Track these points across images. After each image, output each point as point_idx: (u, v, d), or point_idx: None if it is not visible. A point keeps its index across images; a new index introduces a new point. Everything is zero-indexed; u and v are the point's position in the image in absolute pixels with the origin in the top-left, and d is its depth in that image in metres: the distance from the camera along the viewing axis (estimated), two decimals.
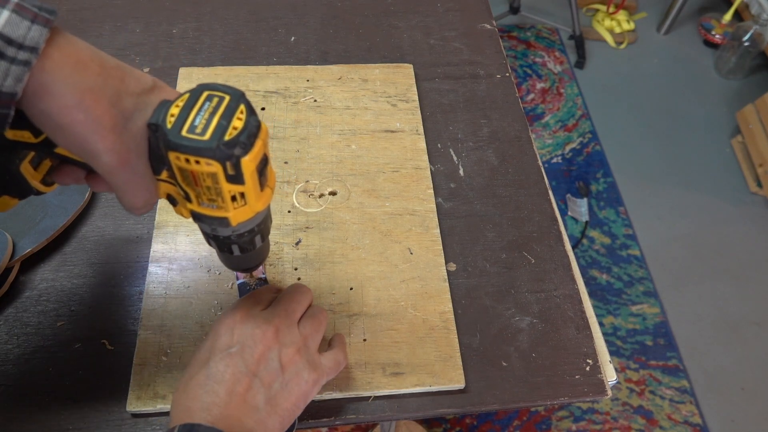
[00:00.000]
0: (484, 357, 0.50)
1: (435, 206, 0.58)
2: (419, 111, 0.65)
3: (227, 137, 0.29)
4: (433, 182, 0.60)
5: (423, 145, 0.62)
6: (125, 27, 0.71)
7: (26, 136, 0.32)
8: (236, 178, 0.31)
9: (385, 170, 0.60)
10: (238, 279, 0.50)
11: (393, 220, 0.56)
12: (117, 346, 0.48)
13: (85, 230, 0.55)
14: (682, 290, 1.49)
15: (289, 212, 0.56)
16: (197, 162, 0.30)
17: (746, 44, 1.85)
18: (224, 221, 0.34)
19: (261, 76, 0.66)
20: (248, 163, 0.31)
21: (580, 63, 1.95)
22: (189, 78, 0.64)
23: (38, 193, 0.36)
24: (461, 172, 0.62)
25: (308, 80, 0.66)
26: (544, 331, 0.52)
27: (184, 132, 0.29)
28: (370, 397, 0.47)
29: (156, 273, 0.51)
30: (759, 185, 1.67)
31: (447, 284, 0.53)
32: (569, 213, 1.61)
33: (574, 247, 1.55)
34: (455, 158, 0.63)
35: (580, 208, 1.60)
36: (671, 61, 2.02)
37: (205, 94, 0.31)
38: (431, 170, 0.61)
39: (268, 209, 0.37)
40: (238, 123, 0.30)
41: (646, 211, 1.63)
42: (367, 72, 0.67)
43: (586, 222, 1.59)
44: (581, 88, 1.90)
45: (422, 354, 0.48)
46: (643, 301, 1.46)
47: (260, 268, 0.51)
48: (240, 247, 0.37)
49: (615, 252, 1.54)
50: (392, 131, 0.63)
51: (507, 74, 0.71)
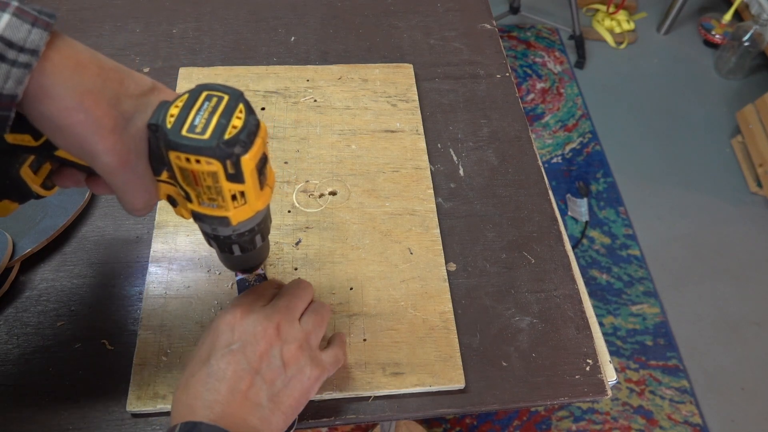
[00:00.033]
0: (484, 357, 0.50)
1: (435, 206, 0.58)
2: (419, 111, 0.65)
3: (227, 136, 0.30)
4: (433, 182, 0.60)
5: (423, 145, 0.62)
6: (125, 27, 0.71)
7: (26, 140, 0.32)
8: (236, 177, 0.31)
9: (385, 170, 0.60)
10: (237, 276, 0.50)
11: (393, 220, 0.56)
12: (117, 346, 0.48)
13: (85, 230, 0.55)
14: (682, 290, 1.49)
15: (289, 212, 0.56)
16: (197, 161, 0.30)
17: (746, 44, 1.85)
18: (225, 221, 0.34)
19: (261, 76, 0.66)
20: (248, 162, 0.31)
21: (580, 63, 1.95)
22: (189, 78, 0.64)
23: (38, 197, 0.36)
24: (461, 172, 0.62)
25: (308, 80, 0.66)
26: (544, 331, 0.52)
27: (184, 131, 0.29)
28: (370, 397, 0.47)
29: (156, 273, 0.51)
30: (759, 185, 1.67)
31: (447, 284, 0.53)
32: (569, 213, 1.61)
33: (574, 247, 1.55)
34: (455, 158, 0.63)
35: (580, 208, 1.60)
36: (671, 61, 2.02)
37: (204, 94, 0.31)
38: (431, 170, 0.61)
39: (268, 209, 0.37)
40: (238, 122, 0.30)
41: (646, 211, 1.63)
42: (367, 72, 0.67)
43: (586, 222, 1.59)
44: (581, 88, 1.90)
45: (422, 354, 0.48)
46: (643, 301, 1.46)
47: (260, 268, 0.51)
48: (240, 247, 0.37)
49: (615, 252, 1.54)
50: (392, 131, 0.63)
51: (507, 74, 0.71)
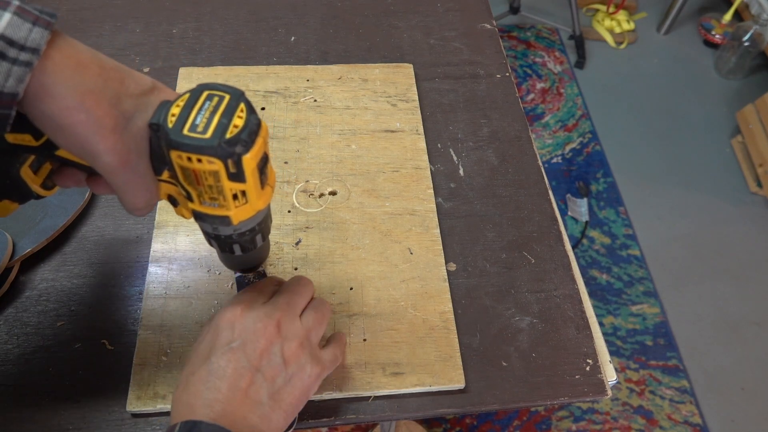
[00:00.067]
0: (484, 357, 0.50)
1: (435, 206, 0.58)
2: (419, 111, 0.65)
3: (228, 135, 0.30)
4: (433, 182, 0.60)
5: (423, 145, 0.62)
6: (125, 27, 0.71)
7: (27, 140, 0.32)
8: (237, 176, 0.31)
9: (385, 170, 0.60)
10: (237, 273, 0.50)
11: (393, 220, 0.56)
12: (117, 346, 0.48)
13: (85, 230, 0.55)
14: (682, 290, 1.49)
15: (289, 212, 0.56)
16: (199, 160, 0.30)
17: (746, 44, 1.85)
18: (226, 220, 0.34)
19: (261, 76, 0.66)
20: (249, 161, 0.31)
21: (580, 63, 1.95)
22: (189, 78, 0.64)
23: (38, 197, 0.36)
24: (461, 172, 0.62)
25: (308, 80, 0.66)
26: (544, 331, 0.52)
27: (186, 131, 0.30)
28: (370, 397, 0.47)
29: (156, 273, 0.51)
30: (759, 185, 1.67)
31: (447, 284, 0.53)
32: (569, 213, 1.61)
33: (574, 247, 1.55)
34: (455, 158, 0.63)
35: (580, 208, 1.60)
36: (671, 61, 2.02)
37: (206, 94, 0.31)
38: (431, 170, 0.61)
39: (269, 208, 0.38)
40: (239, 121, 0.30)
41: (646, 211, 1.63)
42: (367, 72, 0.67)
43: (586, 222, 1.59)
44: (581, 88, 1.90)
45: (422, 354, 0.48)
46: (643, 301, 1.46)
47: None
48: (241, 247, 0.38)
49: (615, 252, 1.54)
50: (392, 131, 0.63)
51: (507, 74, 0.71)
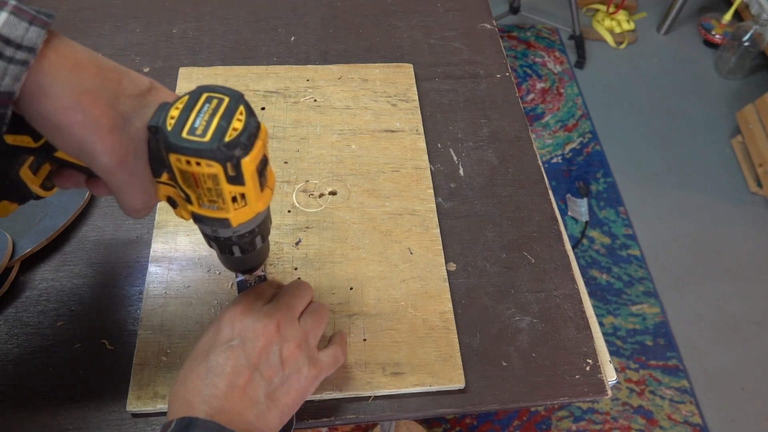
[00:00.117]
0: (484, 357, 0.50)
1: (435, 206, 0.58)
2: (419, 111, 0.65)
3: (227, 138, 0.30)
4: (433, 182, 0.60)
5: (423, 145, 0.62)
6: (125, 27, 0.71)
7: (26, 141, 0.32)
8: (237, 179, 0.31)
9: (385, 170, 0.60)
10: (238, 277, 0.50)
11: (393, 220, 0.56)
12: (117, 346, 0.48)
13: (85, 230, 0.55)
14: (682, 290, 1.49)
15: (289, 212, 0.56)
16: (198, 163, 0.30)
17: (746, 44, 1.85)
18: (225, 222, 0.34)
19: (261, 76, 0.66)
20: (248, 164, 0.31)
21: (580, 63, 1.95)
22: (189, 78, 0.64)
23: (38, 198, 0.36)
24: (461, 172, 0.62)
25: (308, 80, 0.66)
26: (544, 331, 0.52)
27: (185, 134, 0.29)
28: (370, 397, 0.47)
29: (156, 273, 0.51)
30: (759, 185, 1.67)
31: (447, 284, 0.53)
32: (569, 213, 1.61)
33: (574, 247, 1.55)
34: (455, 158, 0.63)
35: (580, 208, 1.60)
36: (671, 61, 2.02)
37: (205, 96, 0.31)
38: (431, 170, 0.61)
39: (268, 210, 0.38)
40: (238, 124, 0.30)
41: (646, 211, 1.63)
42: (367, 72, 0.67)
43: (586, 222, 1.59)
44: (581, 88, 1.90)
45: (422, 354, 0.48)
46: (643, 301, 1.46)
47: (260, 268, 0.51)
48: (240, 248, 0.38)
49: (615, 252, 1.54)
50: (392, 131, 0.63)
51: (507, 74, 0.71)
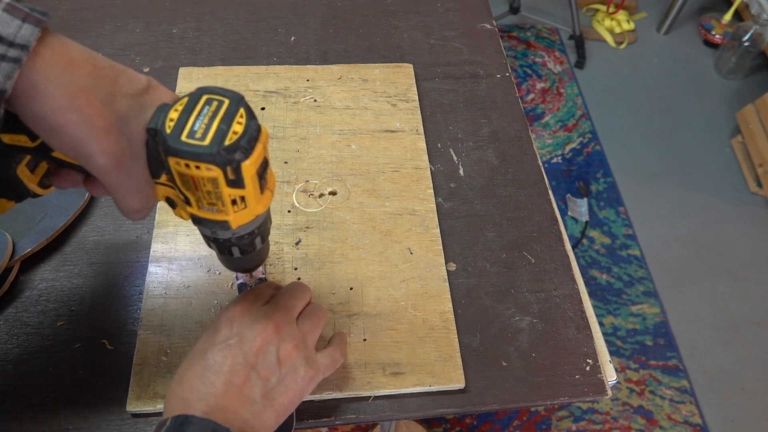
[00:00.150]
0: (484, 357, 0.50)
1: (435, 206, 0.58)
2: (419, 111, 0.65)
3: (227, 142, 0.29)
4: (433, 182, 0.60)
5: (423, 145, 0.62)
6: (125, 27, 0.71)
7: (23, 140, 0.32)
8: (237, 183, 0.31)
9: (385, 170, 0.60)
10: (238, 279, 0.50)
11: (393, 220, 0.56)
12: (117, 346, 0.48)
13: (85, 230, 0.55)
14: (682, 290, 1.49)
15: (289, 212, 0.56)
16: (197, 167, 0.29)
17: (746, 44, 1.85)
18: (224, 225, 0.33)
19: (261, 76, 0.66)
20: (249, 168, 0.30)
21: (580, 63, 1.95)
22: (189, 78, 0.64)
23: (35, 196, 0.36)
24: (461, 172, 0.62)
25: (308, 80, 0.66)
26: (544, 331, 0.52)
27: (184, 137, 0.29)
28: (370, 397, 0.47)
29: (156, 273, 0.51)
30: (759, 185, 1.67)
31: (447, 284, 0.53)
32: (569, 213, 1.61)
33: (574, 247, 1.55)
34: (455, 158, 0.63)
35: (580, 208, 1.60)
36: (671, 61, 2.02)
37: (204, 98, 0.31)
38: (431, 170, 0.61)
39: (268, 211, 0.37)
40: (238, 127, 0.30)
41: (646, 211, 1.63)
42: (367, 72, 0.67)
43: (586, 222, 1.59)
44: (581, 88, 1.90)
45: (422, 354, 0.48)
46: (643, 301, 1.46)
47: (260, 269, 0.51)
48: (240, 249, 0.37)
49: (615, 252, 1.54)
50: (392, 131, 0.63)
51: (507, 74, 0.71)
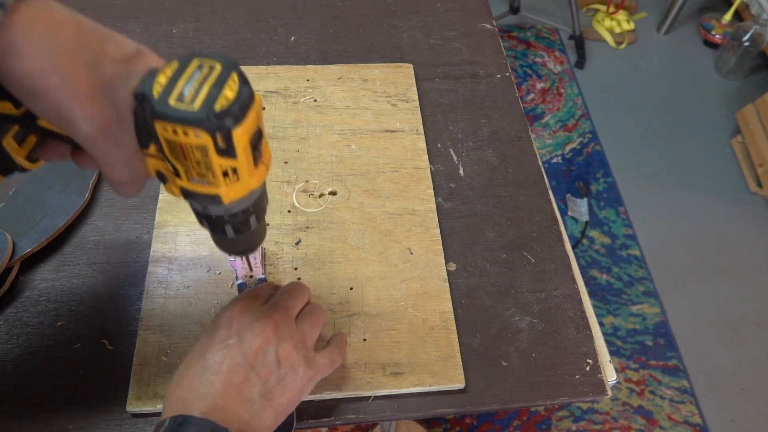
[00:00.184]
0: (484, 357, 0.50)
1: (435, 206, 0.58)
2: (419, 111, 0.65)
3: (218, 107, 0.28)
4: (433, 182, 0.60)
5: (423, 145, 0.62)
6: (125, 27, 0.71)
7: (7, 108, 0.30)
8: (227, 152, 0.29)
9: (385, 170, 0.60)
10: (238, 279, 0.50)
11: (393, 220, 0.56)
12: (117, 346, 0.48)
13: (85, 230, 0.55)
14: (682, 290, 1.49)
15: (289, 212, 0.56)
16: (185, 133, 0.28)
17: (746, 44, 1.85)
18: (216, 199, 0.32)
19: (261, 76, 0.66)
20: (240, 136, 0.29)
21: (580, 63, 1.95)
22: None
23: (23, 170, 0.34)
24: (461, 172, 0.62)
25: (308, 80, 0.66)
26: (544, 331, 0.52)
27: (172, 101, 0.28)
28: (370, 397, 0.47)
29: (156, 273, 0.51)
30: (759, 185, 1.67)
31: (447, 284, 0.53)
32: (569, 213, 1.61)
33: (574, 247, 1.55)
34: (455, 158, 0.63)
35: (580, 208, 1.60)
36: (671, 61, 2.02)
37: (195, 62, 0.29)
38: (431, 170, 0.61)
39: (264, 188, 0.36)
40: (230, 93, 0.28)
41: (646, 211, 1.63)
42: (367, 72, 0.67)
43: (586, 222, 1.59)
44: (581, 88, 1.90)
45: (422, 354, 0.48)
46: (643, 301, 1.46)
47: (260, 269, 0.51)
48: (234, 228, 0.35)
49: (615, 252, 1.54)
50: (392, 131, 0.63)
51: (507, 74, 0.71)
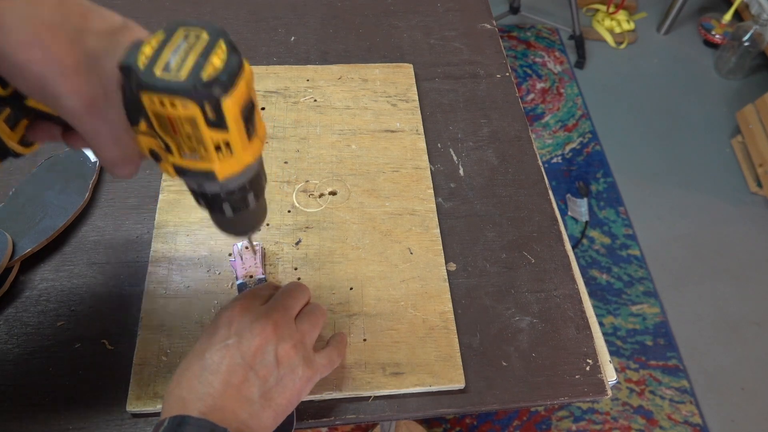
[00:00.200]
0: (484, 357, 0.50)
1: (435, 206, 0.58)
2: (419, 111, 0.65)
3: (205, 76, 0.27)
4: (433, 182, 0.60)
5: (423, 145, 0.62)
6: None
7: None
8: (218, 124, 0.28)
9: (385, 170, 0.60)
10: (238, 279, 0.50)
11: (393, 220, 0.56)
12: (117, 346, 0.48)
13: (85, 230, 0.55)
14: (682, 290, 1.49)
15: (289, 212, 0.56)
16: (173, 104, 0.27)
17: (746, 44, 1.85)
18: (210, 175, 0.30)
19: (261, 76, 0.66)
20: (230, 106, 0.28)
21: (580, 63, 1.95)
22: None
23: (16, 156, 0.34)
24: (461, 172, 0.62)
25: (308, 80, 0.66)
26: (544, 331, 0.52)
27: (158, 71, 0.27)
28: (370, 397, 0.47)
29: (156, 273, 0.51)
30: (759, 185, 1.67)
31: (447, 284, 0.53)
32: (569, 213, 1.61)
33: (574, 247, 1.55)
34: (455, 158, 0.63)
35: (580, 208, 1.60)
36: (671, 61, 2.02)
37: (182, 32, 0.28)
38: (431, 170, 0.61)
39: (260, 164, 0.34)
40: (218, 61, 0.27)
41: (646, 211, 1.63)
42: (367, 72, 0.67)
43: (586, 222, 1.59)
44: (581, 88, 1.90)
45: (422, 354, 0.48)
46: (643, 301, 1.46)
47: (260, 269, 0.51)
48: (232, 206, 0.34)
49: (615, 252, 1.54)
50: (392, 131, 0.63)
51: (507, 74, 0.71)
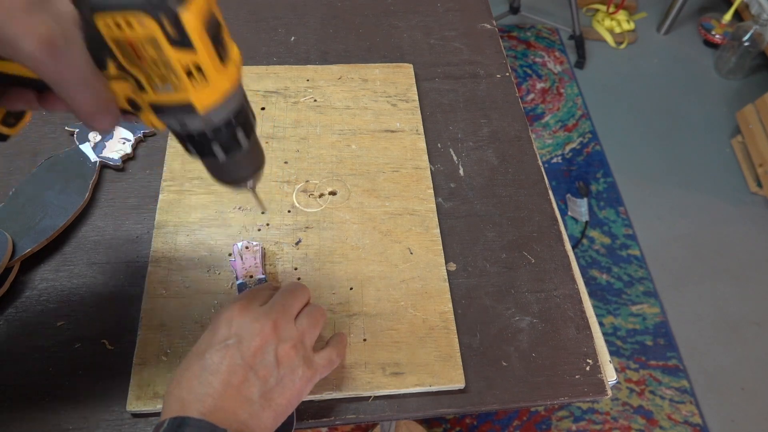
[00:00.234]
0: (484, 357, 0.50)
1: (435, 206, 0.58)
2: (419, 111, 0.65)
3: None
4: (433, 182, 0.60)
5: (423, 145, 0.62)
6: None
7: None
8: (182, 42, 0.26)
9: (385, 170, 0.60)
10: (238, 279, 0.50)
11: (393, 220, 0.56)
12: (117, 346, 0.48)
13: (85, 230, 0.55)
14: (682, 290, 1.49)
15: (289, 212, 0.56)
16: (129, 24, 0.25)
17: (746, 44, 1.85)
18: (188, 107, 0.29)
19: (261, 76, 0.66)
20: (191, 19, 0.26)
21: (580, 63, 1.95)
22: None
23: (3, 138, 0.33)
24: (461, 172, 0.62)
25: (308, 80, 0.66)
26: (544, 331, 0.52)
27: None
28: (370, 397, 0.47)
29: (156, 273, 0.51)
30: (759, 185, 1.67)
31: (447, 284, 0.53)
32: (569, 213, 1.61)
33: (574, 247, 1.55)
34: (455, 158, 0.63)
35: (580, 208, 1.60)
36: (671, 61, 2.02)
37: None
38: (431, 170, 0.61)
39: (244, 97, 0.32)
40: None
41: (646, 211, 1.63)
42: (367, 72, 0.67)
43: (586, 222, 1.59)
44: (581, 88, 1.90)
45: (422, 354, 0.48)
46: (643, 301, 1.46)
47: (260, 269, 0.51)
48: (222, 147, 0.32)
49: (615, 252, 1.54)
50: (392, 131, 0.63)
51: (507, 74, 0.71)
